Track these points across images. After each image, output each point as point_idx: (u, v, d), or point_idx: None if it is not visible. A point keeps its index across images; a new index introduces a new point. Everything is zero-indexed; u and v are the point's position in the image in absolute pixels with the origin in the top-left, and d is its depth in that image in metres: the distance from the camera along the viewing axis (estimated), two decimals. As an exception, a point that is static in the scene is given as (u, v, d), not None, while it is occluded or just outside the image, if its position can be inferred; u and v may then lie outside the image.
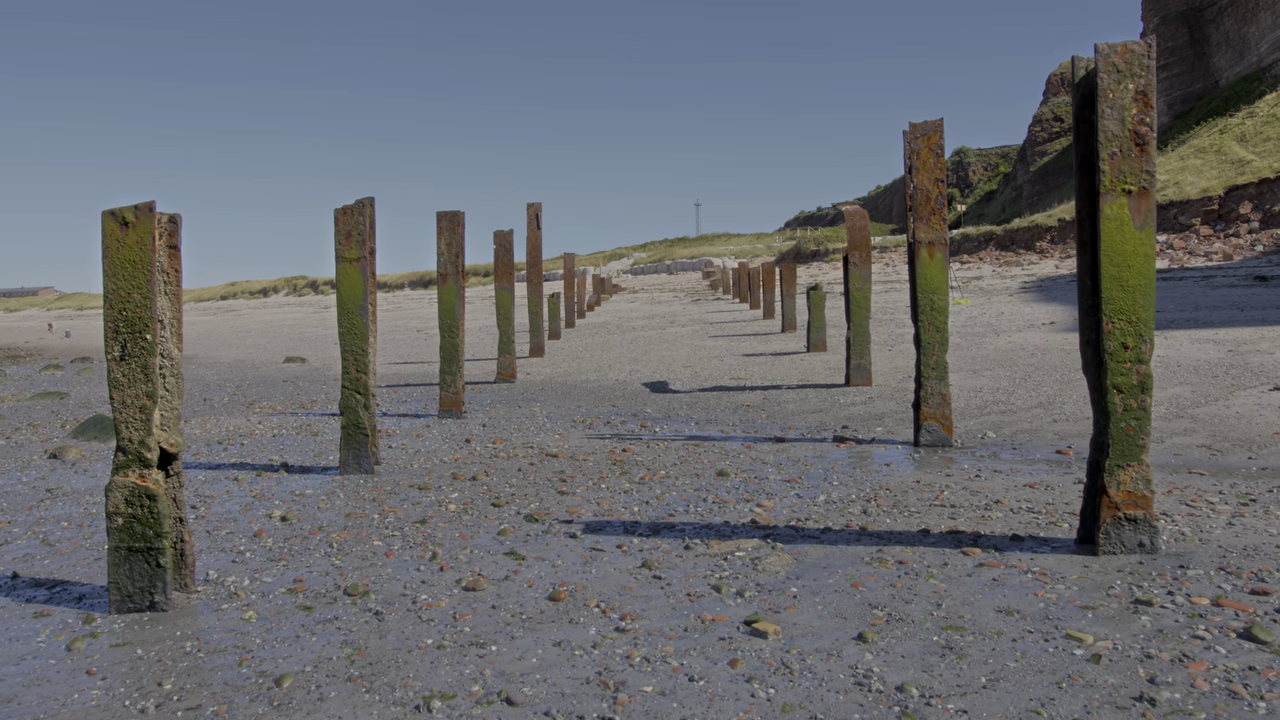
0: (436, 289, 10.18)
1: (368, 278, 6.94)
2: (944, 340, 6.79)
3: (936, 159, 6.80)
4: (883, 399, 9.09)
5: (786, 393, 9.93)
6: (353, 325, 6.90)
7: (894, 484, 5.59)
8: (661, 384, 11.35)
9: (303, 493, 6.24)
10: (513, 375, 12.60)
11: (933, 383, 6.78)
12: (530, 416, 9.37)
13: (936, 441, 6.79)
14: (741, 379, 11.29)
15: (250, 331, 35.92)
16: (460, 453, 7.47)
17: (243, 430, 9.36)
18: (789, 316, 16.95)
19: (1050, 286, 22.13)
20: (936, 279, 6.80)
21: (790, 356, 13.23)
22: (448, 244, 9.75)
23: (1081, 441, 6.63)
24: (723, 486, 5.77)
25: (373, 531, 5.11)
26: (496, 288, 12.70)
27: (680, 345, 16.29)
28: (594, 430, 8.30)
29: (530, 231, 15.66)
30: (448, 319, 9.75)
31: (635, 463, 6.66)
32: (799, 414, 8.64)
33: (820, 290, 13.03)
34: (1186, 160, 45.02)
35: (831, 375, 11.02)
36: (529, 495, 5.81)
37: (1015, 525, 4.57)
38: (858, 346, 9.83)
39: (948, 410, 6.79)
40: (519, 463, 6.91)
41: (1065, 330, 13.44)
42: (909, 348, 12.91)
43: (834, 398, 9.36)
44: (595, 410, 9.63)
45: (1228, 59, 56.37)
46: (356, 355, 6.91)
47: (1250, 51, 52.92)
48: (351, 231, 6.90)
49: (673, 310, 28.02)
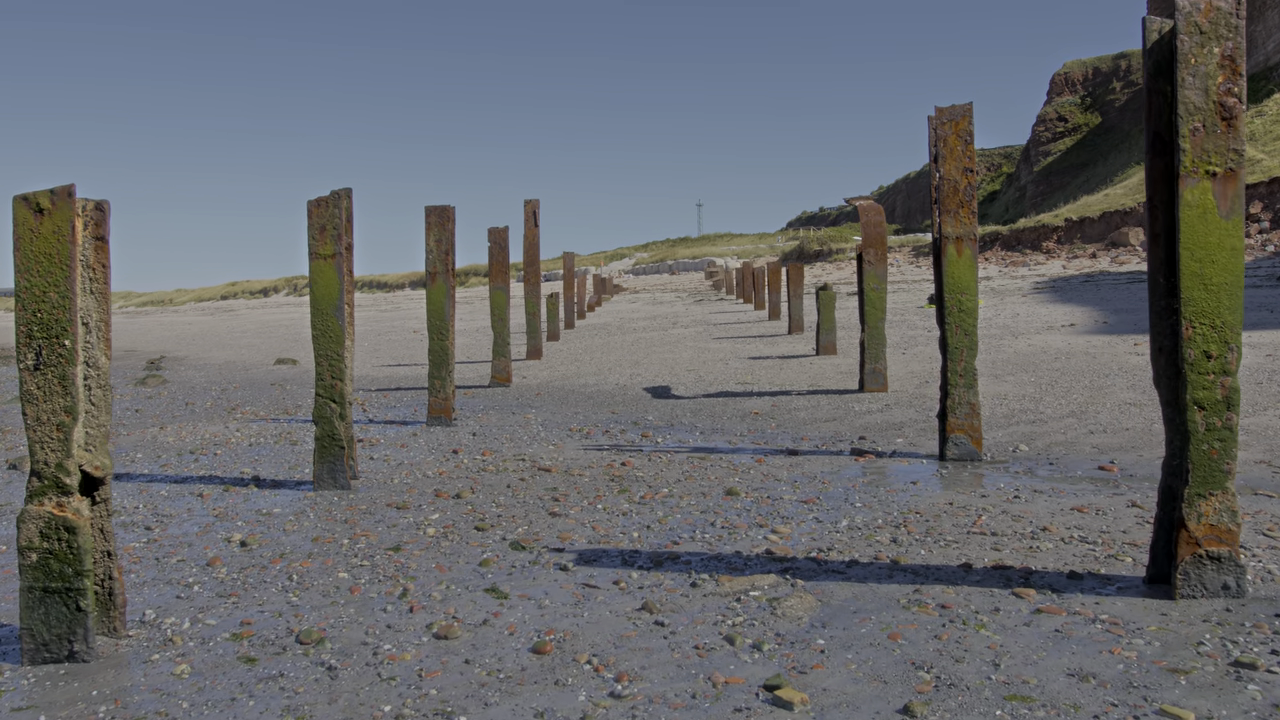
0: (425, 289, 9.62)
1: (344, 275, 6.37)
2: (973, 345, 6.21)
3: (965, 146, 6.22)
4: (900, 406, 8.51)
5: (797, 399, 9.35)
6: (327, 327, 6.33)
7: (924, 506, 5.01)
8: (664, 389, 10.78)
9: (270, 512, 5.67)
10: (508, 379, 12.03)
11: (960, 391, 6.21)
12: (524, 424, 8.79)
13: (965, 455, 6.22)
14: (748, 384, 10.71)
15: (246, 332, 35.39)
16: (446, 466, 6.90)
17: (219, 438, 8.80)
18: (796, 318, 16.37)
19: (1064, 287, 21.55)
20: (965, 278, 6.22)
21: (799, 360, 12.65)
22: (437, 240, 9.18)
23: (1124, 456, 6.05)
24: (732, 508, 5.19)
25: (339, 560, 4.54)
26: (491, 287, 12.13)
27: (683, 348, 15.72)
28: (591, 440, 7.73)
29: (527, 229, 15.09)
30: (437, 320, 9.17)
31: (635, 479, 6.09)
32: (811, 423, 8.06)
33: (830, 290, 12.45)
34: (1195, 159, 44.31)
35: (844, 380, 10.44)
36: (517, 517, 5.23)
37: (1070, 559, 3.99)
38: (873, 350, 9.25)
39: (977, 421, 6.22)
40: (509, 478, 6.34)
41: (1087, 333, 12.85)
42: (923, 350, 12.33)
43: (848, 405, 8.78)
44: (593, 418, 9.06)
45: (1234, 58, 55.65)
46: (331, 360, 6.34)
47: (1258, 50, 52.34)
48: (326, 225, 6.33)
49: (675, 311, 27.44)
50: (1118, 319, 14.00)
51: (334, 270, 6.33)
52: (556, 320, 18.53)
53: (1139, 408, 7.54)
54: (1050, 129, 77.49)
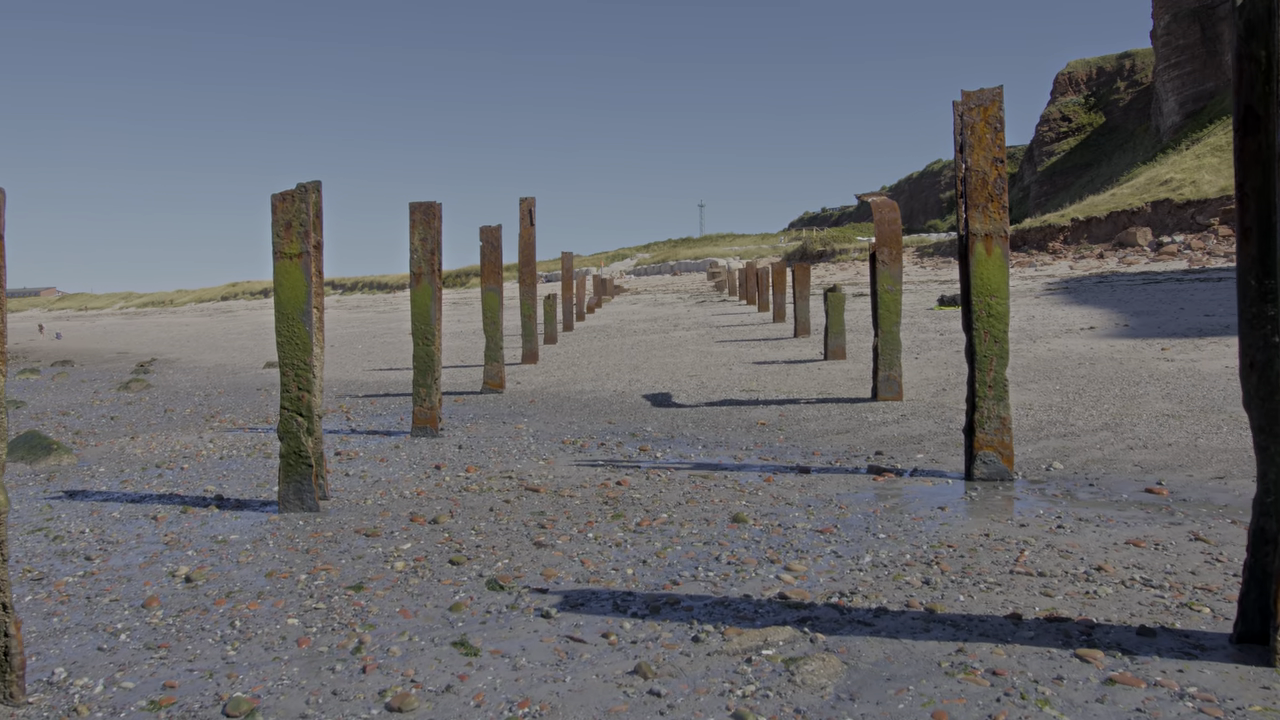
0: (410, 290, 9.03)
1: (312, 277, 5.81)
2: (1003, 353, 5.64)
3: (995, 134, 5.65)
4: (918, 417, 7.93)
5: (806, 408, 8.78)
6: (294, 334, 5.77)
7: (957, 538, 4.43)
8: (664, 396, 10.21)
9: (226, 539, 5.11)
10: (500, 385, 11.46)
11: (990, 404, 5.63)
12: (515, 436, 8.23)
13: (994, 475, 5.64)
14: (753, 391, 10.14)
15: (241, 334, 34.90)
16: (426, 484, 6.34)
17: (189, 450, 8.24)
18: (803, 320, 15.78)
19: (1077, 288, 20.95)
20: (995, 279, 5.65)
21: (806, 365, 12.08)
22: (422, 239, 8.62)
23: (1172, 476, 5.48)
24: (739, 538, 4.62)
25: (292, 601, 3.98)
26: (483, 289, 11.56)
27: (684, 351, 15.14)
28: (585, 455, 7.17)
29: (523, 228, 14.52)
30: (422, 324, 8.61)
31: (631, 501, 5.52)
32: (822, 435, 7.49)
33: (839, 292, 11.87)
34: (1203, 159, 43.82)
35: (855, 387, 9.87)
36: (498, 547, 4.66)
37: (1137, 609, 3.42)
38: (887, 356, 8.67)
39: (1008, 437, 5.64)
40: (492, 499, 5.77)
41: (1108, 336, 12.27)
42: (937, 355, 11.76)
43: (861, 415, 8.20)
44: (589, 428, 8.49)
45: (1241, 58, 55.06)
46: (298, 370, 5.78)
47: (1266, 48, 51.64)
48: (293, 222, 5.77)
49: (676, 313, 26.88)
50: (1139, 322, 13.42)
51: (300, 271, 5.76)
52: (554, 322, 17.96)
53: (1179, 420, 6.96)
54: (1054, 129, 77.04)
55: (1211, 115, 51.41)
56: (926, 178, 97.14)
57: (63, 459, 7.92)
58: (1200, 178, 41.18)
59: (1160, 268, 29.98)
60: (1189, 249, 35.55)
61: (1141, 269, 29.80)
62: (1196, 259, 33.19)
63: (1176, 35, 58.39)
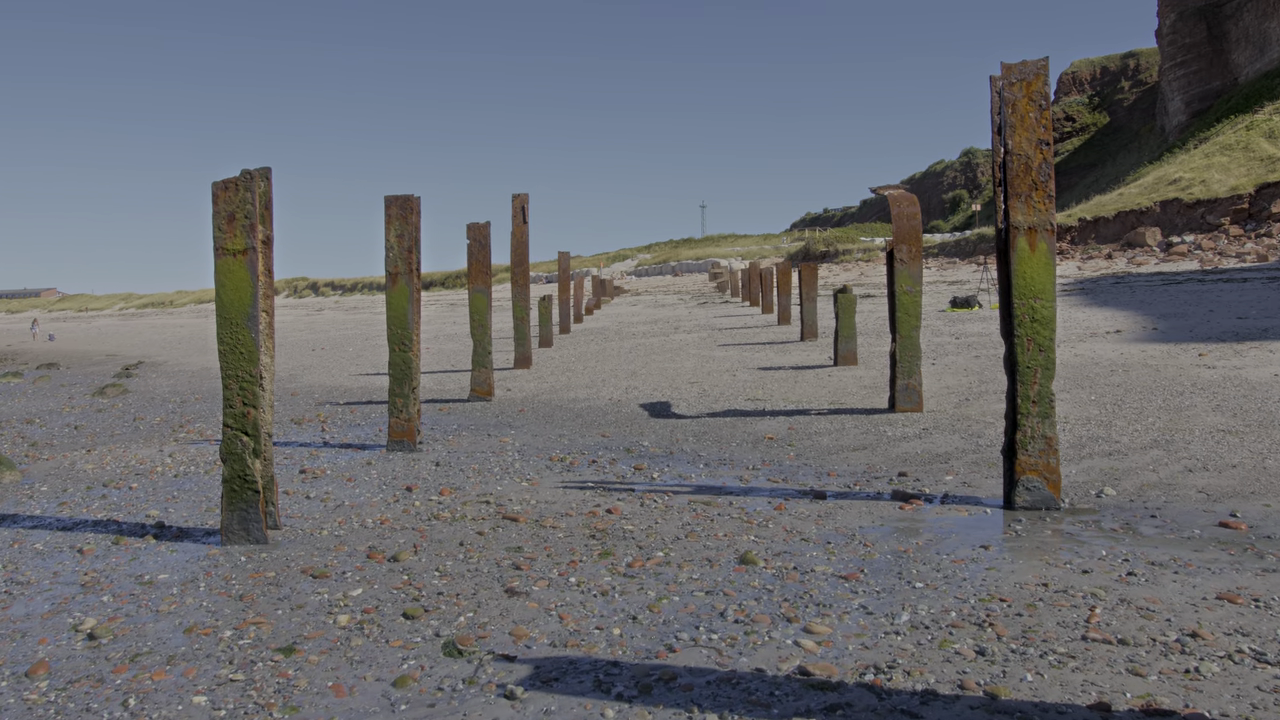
0: (385, 291, 8.29)
1: (259, 276, 5.09)
2: (1049, 364, 4.92)
3: (1039, 113, 4.93)
4: (941, 431, 7.21)
5: (817, 420, 8.05)
6: (238, 341, 5.05)
7: (1008, 588, 3.71)
8: (663, 406, 9.49)
9: (153, 579, 4.40)
10: (489, 393, 10.74)
11: (1034, 422, 4.91)
12: (498, 451, 7.51)
13: (1039, 503, 4.92)
14: (759, 400, 9.41)
15: (234, 335, 34.19)
16: (393, 510, 5.62)
17: (144, 465, 7.54)
18: (810, 323, 15.04)
19: (1094, 289, 20.20)
20: (1040, 279, 4.92)
21: (815, 371, 11.34)
22: (398, 236, 7.91)
23: (1246, 506, 4.75)
24: (748, 586, 3.90)
25: (207, 670, 3.27)
26: (470, 290, 10.84)
27: (685, 356, 14.41)
28: (574, 474, 6.45)
29: (515, 226, 13.82)
30: (398, 329, 7.90)
31: (623, 534, 4.80)
32: (837, 452, 6.76)
33: (850, 293, 11.13)
34: (1212, 158, 43.12)
35: (869, 396, 9.14)
36: (463, 595, 3.95)
37: (1255, 695, 2.70)
38: (906, 363, 7.94)
39: (1054, 460, 4.92)
40: (465, 530, 5.05)
41: (1136, 340, 11.53)
42: (955, 360, 11.03)
43: (878, 428, 7.47)
44: (580, 442, 7.77)
45: (1247, 55, 54.56)
46: (243, 383, 5.06)
47: (1271, 47, 50.99)
48: (236, 213, 5.05)
49: (677, 314, 26.15)
50: (1168, 325, 12.68)
51: (245, 269, 5.05)
52: (549, 325, 17.24)
53: (1237, 437, 6.24)
54: (1057, 129, 76.63)
55: (1219, 114, 50.76)
56: (929, 178, 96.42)
57: (4, 475, 7.21)
58: (1210, 177, 40.50)
59: (1171, 268, 29.25)
60: (1199, 249, 34.84)
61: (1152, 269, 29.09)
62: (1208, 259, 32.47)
63: (1182, 34, 57.69)
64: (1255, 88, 50.07)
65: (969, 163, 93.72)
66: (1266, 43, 51.57)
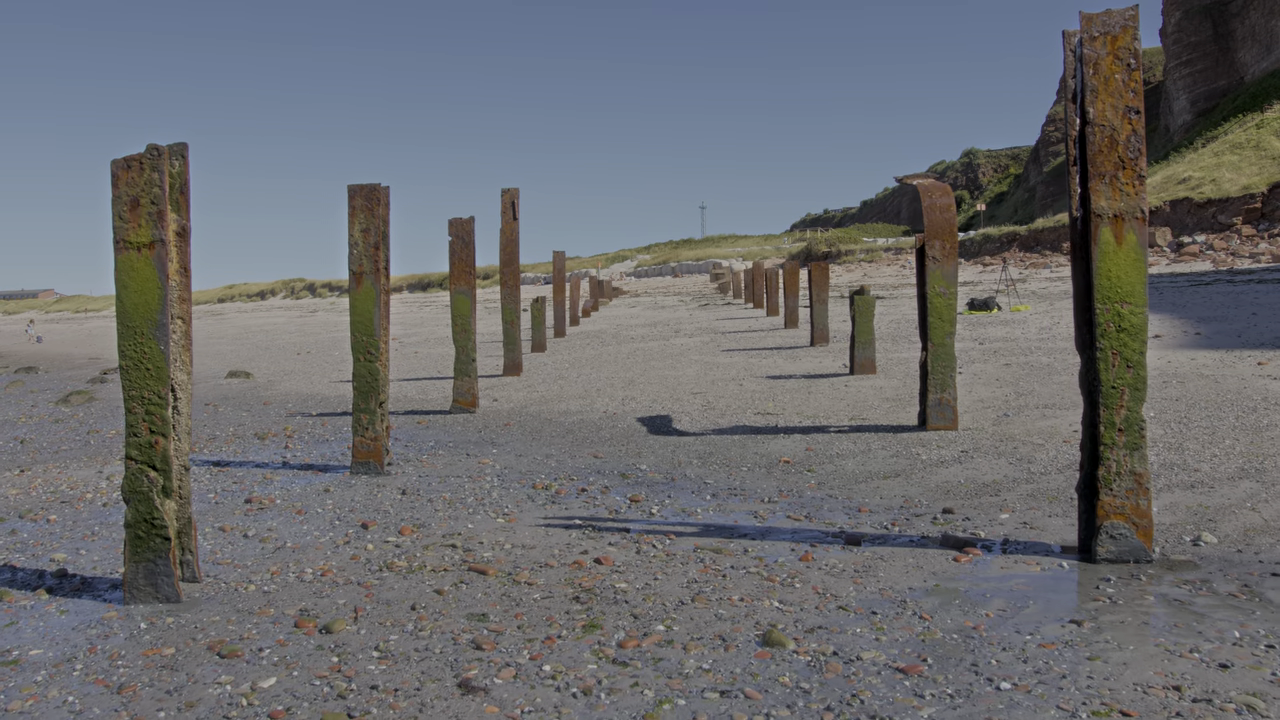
0: (349, 293, 7.34)
1: (169, 276, 4.16)
2: (1140, 384, 3.99)
3: (1127, 74, 4.00)
4: (983, 454, 6.27)
5: (839, 439, 7.11)
6: (143, 355, 4.13)
7: (1127, 694, 2.77)
8: (663, 420, 8.56)
9: (22, 656, 3.49)
10: (472, 404, 9.81)
11: (1121, 454, 3.99)
12: (476, 476, 6.58)
13: (1127, 554, 3.99)
14: (770, 414, 8.48)
15: (222, 338, 33.32)
16: (341, 555, 4.69)
17: (76, 490, 6.62)
18: (820, 326, 14.08)
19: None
20: (1129, 279, 4.00)
21: (830, 380, 10.40)
22: (363, 230, 6.98)
23: (1388, 561, 3.82)
24: (777, 685, 2.96)
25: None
26: (452, 291, 9.91)
27: (686, 362, 13.47)
28: (560, 506, 5.52)
29: (505, 223, 12.90)
30: (363, 335, 6.97)
31: (614, 596, 3.87)
32: (866, 480, 5.83)
33: (868, 295, 10.20)
34: (1222, 156, 42.25)
35: (892, 410, 8.20)
36: (402, 694, 3.02)
37: None
38: (939, 375, 7.00)
39: (1145, 501, 3.99)
40: (421, 587, 4.12)
41: (1180, 346, 10.59)
42: (982, 369, 10.10)
43: (910, 450, 6.54)
44: (570, 464, 6.85)
45: (1254, 54, 53.78)
46: (149, 406, 4.13)
47: (1278, 46, 50.20)
48: (141, 199, 4.13)
49: (678, 317, 25.20)
50: (1211, 330, 11.74)
51: (152, 267, 4.12)
52: (543, 328, 16.30)
53: (1340, 464, 5.31)
54: (1060, 129, 76.07)
55: (1225, 113, 50.00)
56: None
57: (-94, 506, 6.30)
58: (1220, 176, 39.64)
59: (1184, 269, 28.38)
60: (1211, 249, 33.98)
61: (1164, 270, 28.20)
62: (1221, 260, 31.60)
63: (1188, 32, 56.89)
64: (1263, 86, 49.27)
65: (970, 163, 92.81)
66: (1273, 41, 50.77)
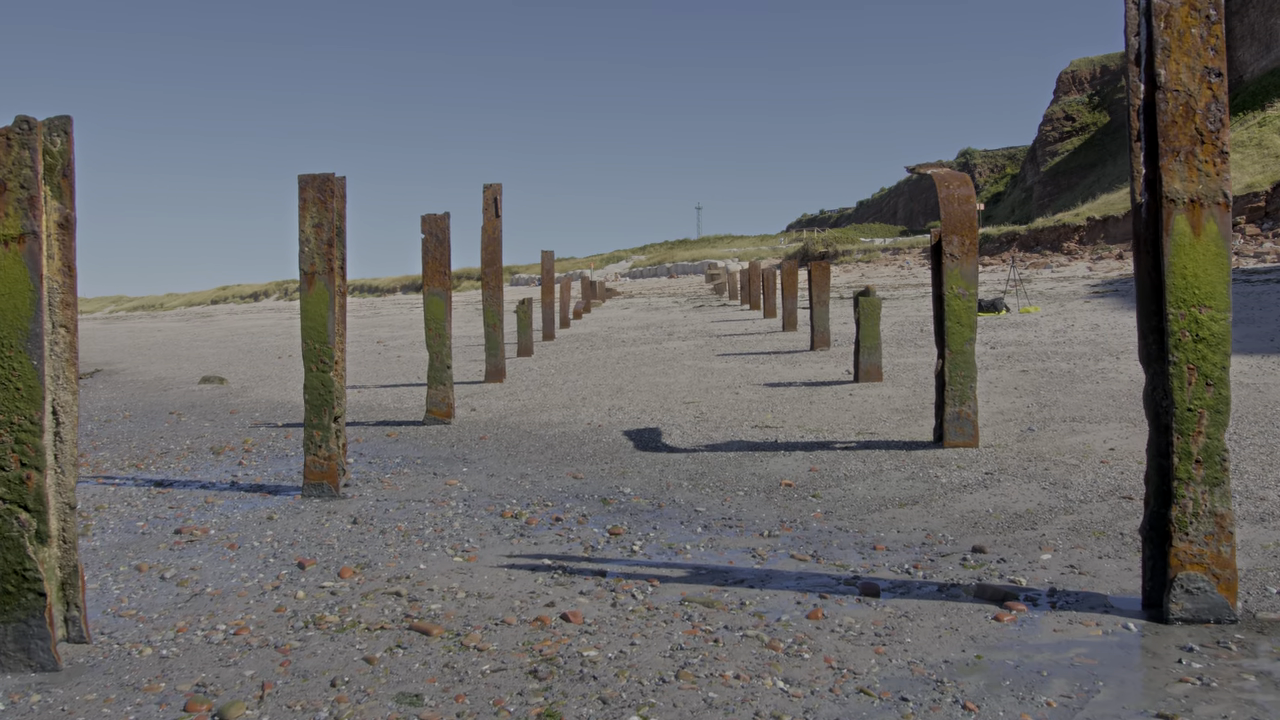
0: (300, 295, 6.58)
1: (43, 276, 3.44)
2: (1222, 404, 3.28)
3: (1206, 29, 3.29)
4: (1010, 477, 5.56)
5: (846, 457, 6.39)
6: (11, 373, 3.40)
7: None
8: (652, 434, 7.84)
9: None
10: (447, 415, 9.08)
11: (1198, 491, 3.28)
12: (440, 500, 5.86)
13: (1206, 612, 3.28)
14: (769, 427, 7.76)
15: (208, 340, 32.54)
16: (265, 606, 3.96)
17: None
18: (821, 329, 13.36)
19: (1129, 290, 18.53)
20: (1208, 278, 3.29)
21: (833, 388, 9.67)
22: (315, 225, 6.26)
23: None
24: (785, 813, 2.24)
25: None
26: (425, 293, 9.17)
27: (679, 368, 12.75)
28: (529, 540, 4.80)
29: (487, 220, 12.18)
30: (315, 343, 6.24)
31: (579, 668, 3.14)
32: (880, 508, 5.11)
33: (874, 297, 9.49)
34: (1225, 155, 41.66)
35: (903, 423, 7.49)
36: (291, 823, 2.29)
37: None
38: (957, 386, 6.28)
39: (1228, 548, 3.28)
40: (349, 654, 3.39)
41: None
42: (997, 376, 9.40)
43: (927, 471, 5.82)
44: (546, 486, 6.12)
45: (1253, 52, 53.37)
46: (20, 433, 3.41)
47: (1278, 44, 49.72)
48: (8, 182, 3.40)
49: (671, 319, 24.46)
50: (1239, 333, 11.04)
51: (23, 265, 3.40)
52: (529, 332, 15.57)
53: None
54: (1057, 129, 75.64)
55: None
56: (926, 179, 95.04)
57: None
58: (1224, 174, 39.07)
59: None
60: (1216, 249, 33.40)
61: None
62: (1226, 260, 30.99)
63: (1188, 30, 56.42)
64: (1263, 84, 48.83)
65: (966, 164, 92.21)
66: (1273, 39, 50.35)
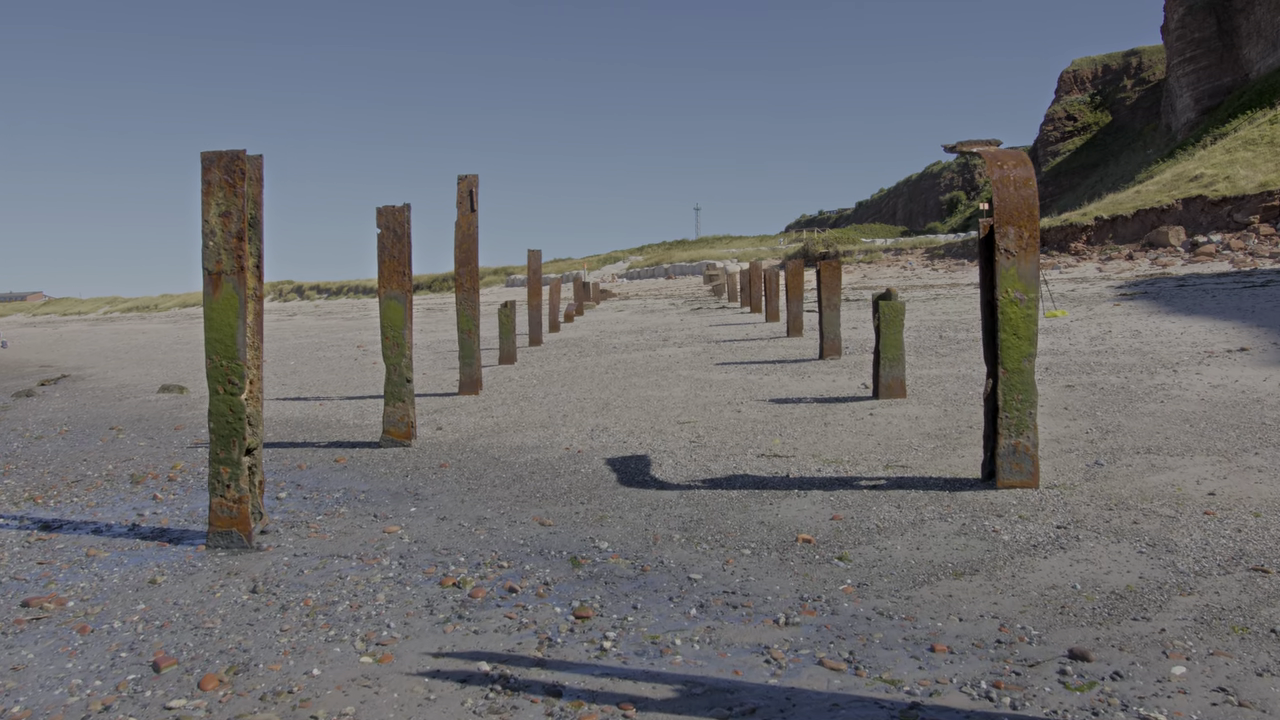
0: (204, 300, 5.35)
1: None
2: None
3: None
4: (1092, 533, 4.37)
5: (876, 500, 5.21)
6: None
7: None
8: (639, 464, 6.65)
9: None
10: (407, 435, 7.88)
11: None
12: (371, 555, 4.67)
13: None
14: (779, 456, 6.57)
15: (189, 343, 31.29)
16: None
17: None
18: (831, 336, 12.15)
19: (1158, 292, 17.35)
20: None
21: (849, 405, 8.47)
22: (223, 214, 5.08)
23: None
24: None
25: None
26: (380, 296, 7.98)
27: (674, 378, 11.55)
28: (468, 624, 3.61)
29: (461, 215, 11.00)
30: (223, 359, 5.06)
31: None
32: (929, 579, 3.93)
33: (896, 300, 8.31)
34: (1235, 153, 40.66)
35: (938, 450, 6.31)
36: None
37: None
38: (1014, 413, 5.09)
39: None
40: None
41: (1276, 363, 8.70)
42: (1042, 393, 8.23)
43: (980, 521, 4.64)
44: (505, 535, 4.94)
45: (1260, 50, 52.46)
46: None
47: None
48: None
49: (668, 322, 23.26)
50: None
51: None
52: (512, 337, 14.37)
53: None
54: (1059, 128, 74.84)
55: (1231, 110, 48.69)
56: (925, 179, 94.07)
57: None
58: (1235, 173, 38.02)
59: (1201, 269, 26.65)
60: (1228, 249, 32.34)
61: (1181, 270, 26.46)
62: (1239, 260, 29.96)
63: (1191, 29, 55.51)
64: (1270, 82, 47.89)
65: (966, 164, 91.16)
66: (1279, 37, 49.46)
